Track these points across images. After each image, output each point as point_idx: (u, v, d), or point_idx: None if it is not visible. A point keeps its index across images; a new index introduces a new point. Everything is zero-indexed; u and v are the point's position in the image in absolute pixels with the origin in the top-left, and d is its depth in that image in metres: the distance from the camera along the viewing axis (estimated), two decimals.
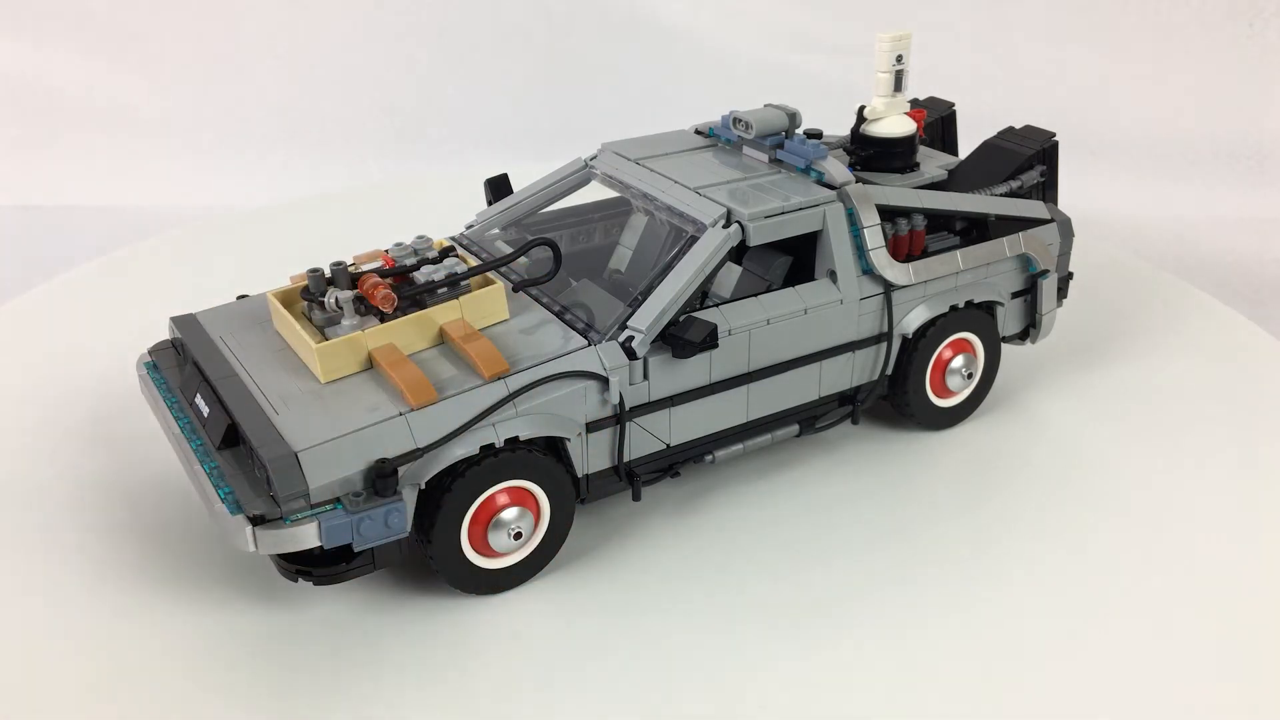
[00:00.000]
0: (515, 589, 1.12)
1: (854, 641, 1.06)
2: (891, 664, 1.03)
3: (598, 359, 1.09)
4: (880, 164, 1.34)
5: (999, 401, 1.44)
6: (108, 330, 1.60)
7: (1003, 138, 1.43)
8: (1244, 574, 1.14)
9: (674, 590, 1.12)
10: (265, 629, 1.07)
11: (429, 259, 1.14)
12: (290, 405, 1.03)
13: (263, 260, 1.67)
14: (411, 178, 2.41)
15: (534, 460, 1.07)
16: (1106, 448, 1.36)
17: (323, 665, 1.03)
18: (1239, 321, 1.66)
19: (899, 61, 1.31)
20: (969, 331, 1.34)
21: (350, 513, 0.97)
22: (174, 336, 1.21)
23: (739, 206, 1.17)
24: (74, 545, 1.18)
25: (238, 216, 2.16)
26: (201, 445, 1.06)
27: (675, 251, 1.16)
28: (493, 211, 1.40)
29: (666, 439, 1.17)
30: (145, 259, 1.92)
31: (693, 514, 1.24)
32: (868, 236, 1.22)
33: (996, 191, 1.36)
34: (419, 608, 1.09)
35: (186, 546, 1.17)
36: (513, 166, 1.48)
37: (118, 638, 1.06)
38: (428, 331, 1.12)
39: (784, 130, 1.29)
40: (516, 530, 1.08)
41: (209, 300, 1.27)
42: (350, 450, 0.98)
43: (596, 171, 1.36)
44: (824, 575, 1.15)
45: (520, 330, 1.14)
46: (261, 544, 0.96)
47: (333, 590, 1.11)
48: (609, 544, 1.19)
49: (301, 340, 1.09)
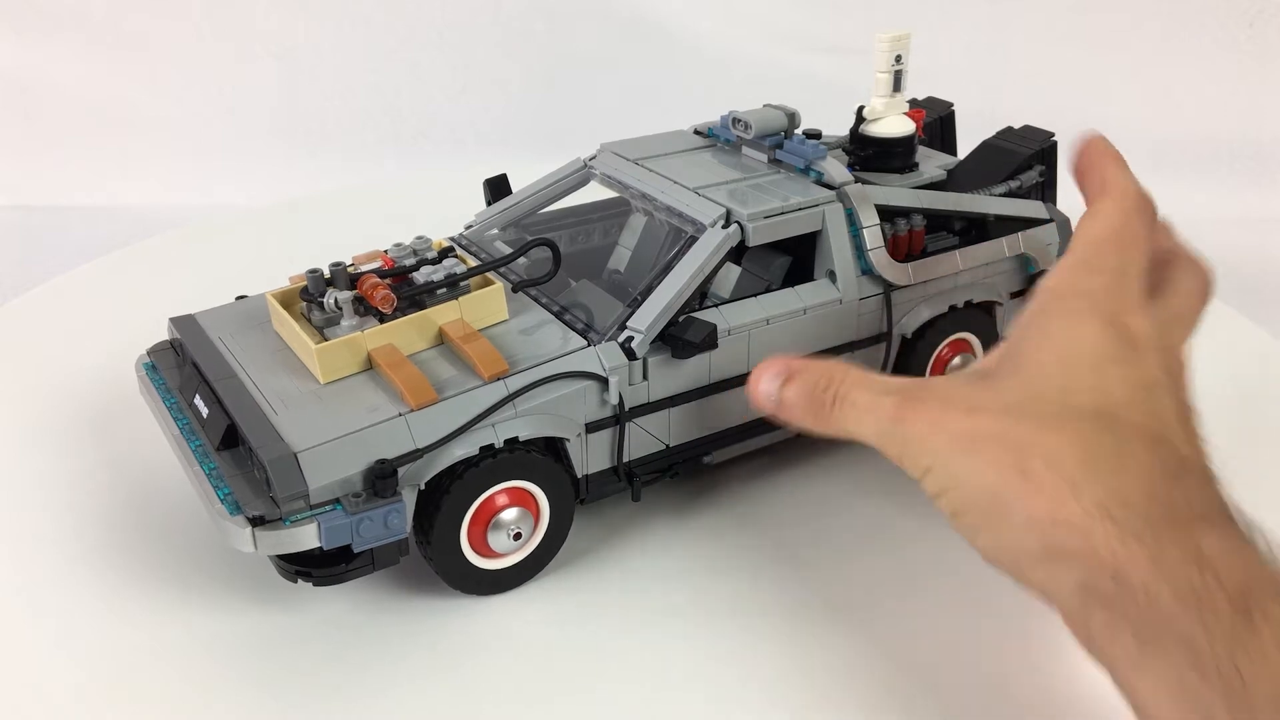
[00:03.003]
0: (515, 589, 1.12)
1: (854, 641, 1.06)
2: (892, 664, 1.03)
3: (597, 359, 1.09)
4: (879, 164, 1.34)
5: None
6: (107, 330, 1.60)
7: (1002, 138, 1.43)
8: None
9: (673, 590, 1.12)
10: (265, 630, 1.07)
11: (428, 259, 1.14)
12: (290, 406, 1.03)
13: (262, 261, 1.67)
14: (411, 178, 2.41)
15: (534, 461, 1.07)
16: None
17: (322, 665, 1.03)
18: (1239, 321, 1.66)
19: (898, 61, 1.31)
20: (968, 331, 1.34)
21: (350, 513, 0.97)
22: (173, 337, 1.21)
23: (738, 207, 1.17)
24: (73, 545, 1.18)
25: (237, 216, 2.16)
26: (201, 446, 1.06)
27: (675, 252, 1.16)
28: (492, 212, 1.40)
29: (666, 439, 1.17)
30: (144, 259, 1.93)
31: (692, 514, 1.24)
32: (867, 236, 1.22)
33: (995, 191, 1.35)
34: (418, 608, 1.09)
35: (186, 547, 1.17)
36: (512, 166, 1.48)
37: (117, 638, 1.06)
38: (427, 332, 1.12)
39: (783, 130, 1.29)
40: (516, 531, 1.08)
41: (208, 300, 1.27)
42: (350, 451, 0.98)
43: (596, 172, 1.36)
44: (824, 575, 1.14)
45: (520, 331, 1.14)
46: (261, 545, 0.96)
47: (332, 591, 1.11)
48: (609, 544, 1.19)
49: (301, 341, 1.09)
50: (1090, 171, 0.95)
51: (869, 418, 0.85)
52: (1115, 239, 0.89)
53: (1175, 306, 0.89)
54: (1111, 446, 0.75)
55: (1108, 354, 0.81)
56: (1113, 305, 0.84)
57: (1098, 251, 0.88)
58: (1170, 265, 0.93)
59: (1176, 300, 0.90)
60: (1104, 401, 0.78)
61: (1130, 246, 0.88)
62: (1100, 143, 0.96)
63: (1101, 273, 0.86)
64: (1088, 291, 0.85)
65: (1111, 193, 0.92)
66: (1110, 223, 0.90)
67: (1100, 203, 0.92)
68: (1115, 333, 0.82)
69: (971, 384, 0.85)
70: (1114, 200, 0.91)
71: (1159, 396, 0.80)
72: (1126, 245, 0.88)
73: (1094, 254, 0.88)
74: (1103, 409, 0.78)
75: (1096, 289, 0.85)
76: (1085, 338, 0.82)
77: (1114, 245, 0.88)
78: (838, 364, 0.90)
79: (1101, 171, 0.94)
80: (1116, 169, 0.93)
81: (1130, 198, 0.91)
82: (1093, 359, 0.81)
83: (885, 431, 0.84)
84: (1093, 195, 0.93)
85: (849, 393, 0.87)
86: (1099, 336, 0.82)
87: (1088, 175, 0.95)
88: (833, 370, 0.89)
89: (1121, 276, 0.86)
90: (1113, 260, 0.87)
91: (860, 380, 0.88)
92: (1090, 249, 0.89)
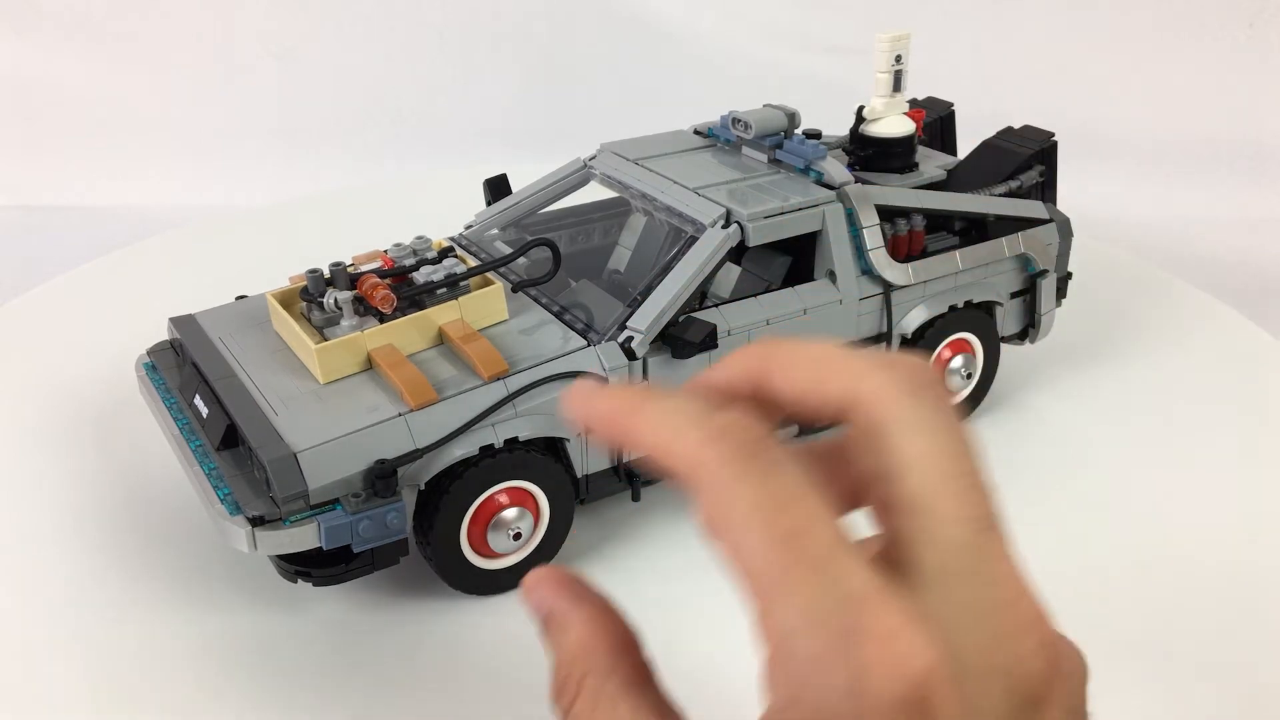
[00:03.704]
0: (515, 589, 1.12)
1: None
2: None
3: (597, 359, 1.09)
4: (879, 164, 1.34)
5: (998, 401, 1.44)
6: (107, 330, 1.60)
7: (1002, 138, 1.43)
8: (1244, 572, 1.14)
9: (673, 590, 1.12)
10: (265, 630, 1.07)
11: (428, 259, 1.14)
12: (289, 406, 1.03)
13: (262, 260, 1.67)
14: (411, 178, 2.41)
15: (533, 461, 1.07)
16: (1106, 447, 1.36)
17: (323, 665, 1.03)
18: (1238, 321, 1.66)
19: (898, 61, 1.31)
20: (968, 331, 1.34)
21: (350, 513, 0.97)
22: (173, 337, 1.21)
23: (738, 207, 1.17)
24: (73, 545, 1.18)
25: (237, 216, 2.16)
26: (201, 446, 1.06)
27: (674, 252, 1.16)
28: (492, 212, 1.40)
29: None
30: (145, 259, 1.92)
31: (692, 514, 1.23)
32: (867, 237, 1.22)
33: (995, 191, 1.35)
34: (418, 609, 1.09)
35: (186, 547, 1.17)
36: (512, 166, 1.48)
37: (116, 638, 1.06)
38: (427, 332, 1.12)
39: (783, 130, 1.29)
40: (516, 531, 1.08)
41: (208, 300, 1.26)
42: (350, 451, 0.98)
43: (595, 172, 1.36)
44: None
45: (519, 331, 1.14)
46: (261, 545, 0.96)
47: (332, 591, 1.11)
48: (609, 544, 1.19)
49: (301, 341, 1.09)
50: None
51: None
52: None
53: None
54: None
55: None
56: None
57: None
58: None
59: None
60: None
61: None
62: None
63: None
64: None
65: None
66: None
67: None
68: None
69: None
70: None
71: None
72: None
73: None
74: None
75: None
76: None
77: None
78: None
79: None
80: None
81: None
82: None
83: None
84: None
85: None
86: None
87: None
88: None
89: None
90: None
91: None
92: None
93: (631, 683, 0.47)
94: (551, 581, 0.51)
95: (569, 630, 0.50)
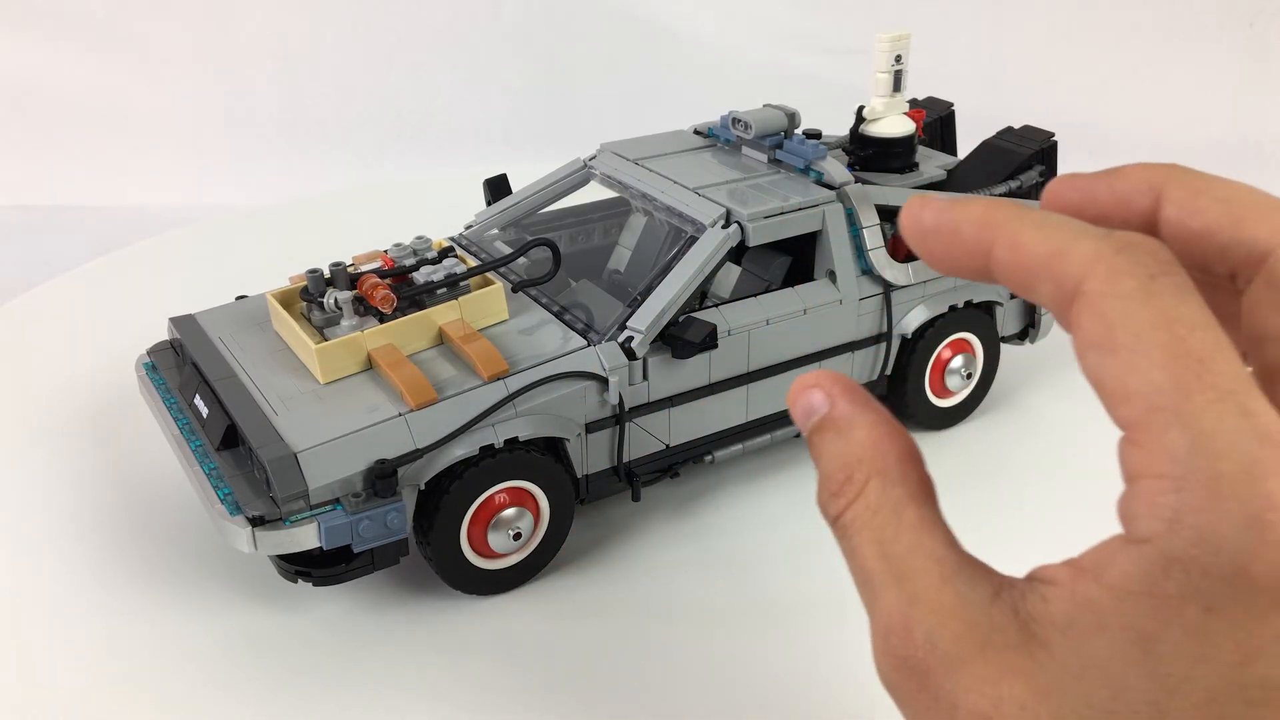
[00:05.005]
0: (515, 589, 1.12)
1: (854, 641, 1.06)
2: None
3: (597, 359, 1.09)
4: (879, 164, 1.34)
5: (998, 401, 1.44)
6: (107, 330, 1.60)
7: (1002, 138, 1.43)
8: None
9: (673, 590, 1.12)
10: (265, 630, 1.07)
11: (428, 259, 1.14)
12: (290, 406, 1.03)
13: (262, 260, 1.67)
14: (411, 178, 2.41)
15: (533, 461, 1.07)
16: (1106, 448, 1.35)
17: (323, 665, 1.03)
18: None
19: (898, 61, 1.31)
20: (968, 331, 1.34)
21: (350, 513, 0.97)
22: (173, 337, 1.21)
23: (738, 207, 1.17)
24: (73, 545, 1.18)
25: (237, 216, 2.16)
26: (201, 446, 1.06)
27: (674, 252, 1.16)
28: (492, 211, 1.40)
29: (666, 439, 1.17)
30: (145, 259, 1.93)
31: (692, 514, 1.23)
32: (867, 237, 1.22)
33: (996, 192, 1.35)
34: (418, 609, 1.09)
35: (186, 547, 1.17)
36: (512, 166, 1.48)
37: (117, 638, 1.06)
38: (427, 332, 1.12)
39: (783, 130, 1.29)
40: (516, 531, 1.08)
41: (208, 300, 1.26)
42: (350, 451, 0.98)
43: (595, 172, 1.36)
44: (824, 575, 1.14)
45: (520, 330, 1.14)
46: (261, 545, 0.96)
47: (332, 591, 1.11)
48: (609, 544, 1.19)
49: (301, 341, 1.09)
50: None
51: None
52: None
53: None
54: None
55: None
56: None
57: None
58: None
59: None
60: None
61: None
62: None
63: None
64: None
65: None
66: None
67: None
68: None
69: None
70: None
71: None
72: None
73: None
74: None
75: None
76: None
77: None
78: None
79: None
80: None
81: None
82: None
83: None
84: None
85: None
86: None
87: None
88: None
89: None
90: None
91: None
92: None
93: (917, 495, 0.45)
94: (835, 382, 0.48)
95: (854, 430, 0.47)
